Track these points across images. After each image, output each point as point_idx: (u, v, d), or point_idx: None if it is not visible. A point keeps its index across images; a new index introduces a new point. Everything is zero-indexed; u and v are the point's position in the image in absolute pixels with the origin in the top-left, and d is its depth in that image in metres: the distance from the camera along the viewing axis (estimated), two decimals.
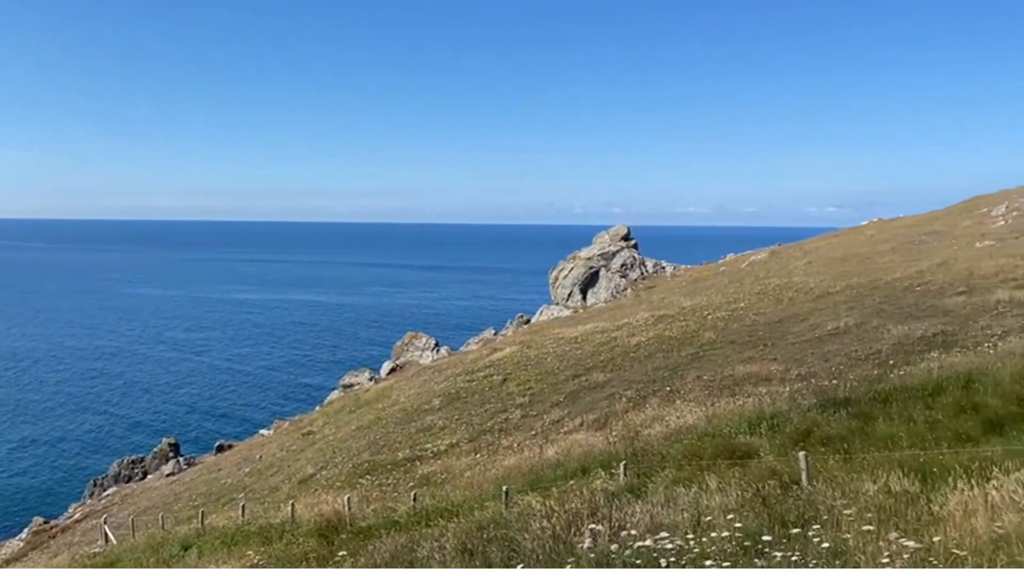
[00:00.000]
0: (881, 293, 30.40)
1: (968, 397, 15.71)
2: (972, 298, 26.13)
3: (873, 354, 22.71)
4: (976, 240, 34.34)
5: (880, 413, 16.00)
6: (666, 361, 30.93)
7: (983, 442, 13.05)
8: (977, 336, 21.75)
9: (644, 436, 21.07)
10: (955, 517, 7.98)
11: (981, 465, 10.64)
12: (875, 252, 38.46)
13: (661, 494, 12.82)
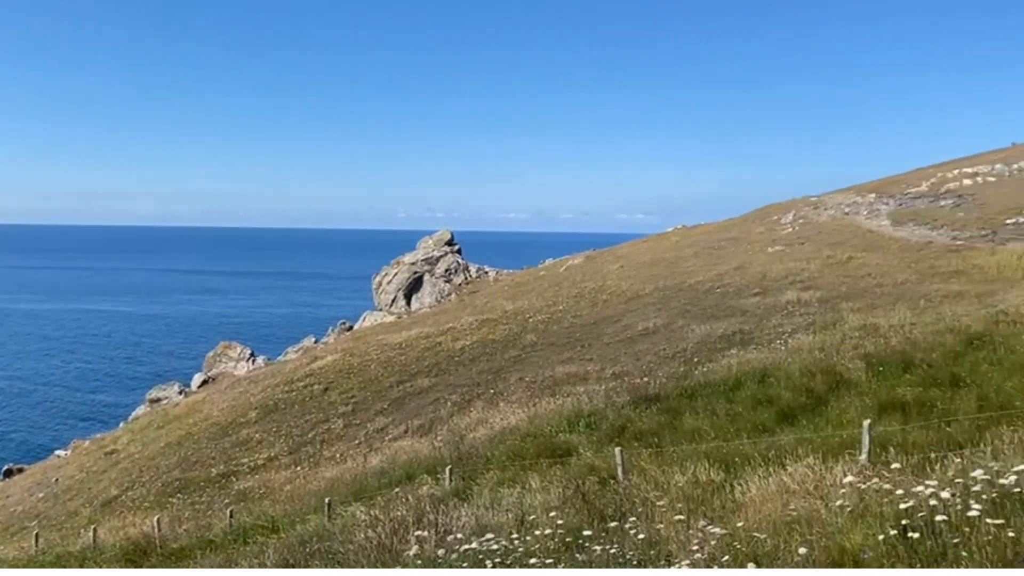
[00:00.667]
0: (686, 295, 32.41)
1: (764, 390, 17.04)
2: (765, 299, 28.39)
3: (679, 352, 24.15)
4: (768, 245, 37.33)
5: (687, 408, 17.03)
6: (490, 364, 31.39)
7: (778, 432, 14.18)
8: (770, 334, 23.62)
9: (469, 439, 21.25)
10: (755, 503, 8.62)
11: (777, 453, 11.58)
12: (680, 257, 40.95)
13: (486, 496, 12.97)
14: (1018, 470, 7.51)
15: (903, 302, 22.67)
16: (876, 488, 7.85)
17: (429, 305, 55.78)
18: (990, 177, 36.84)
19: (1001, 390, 13.78)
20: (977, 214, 31.94)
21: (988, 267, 24.63)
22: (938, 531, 6.48)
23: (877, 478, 8.16)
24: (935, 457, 9.24)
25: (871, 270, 28.18)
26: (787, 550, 6.79)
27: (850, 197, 40.91)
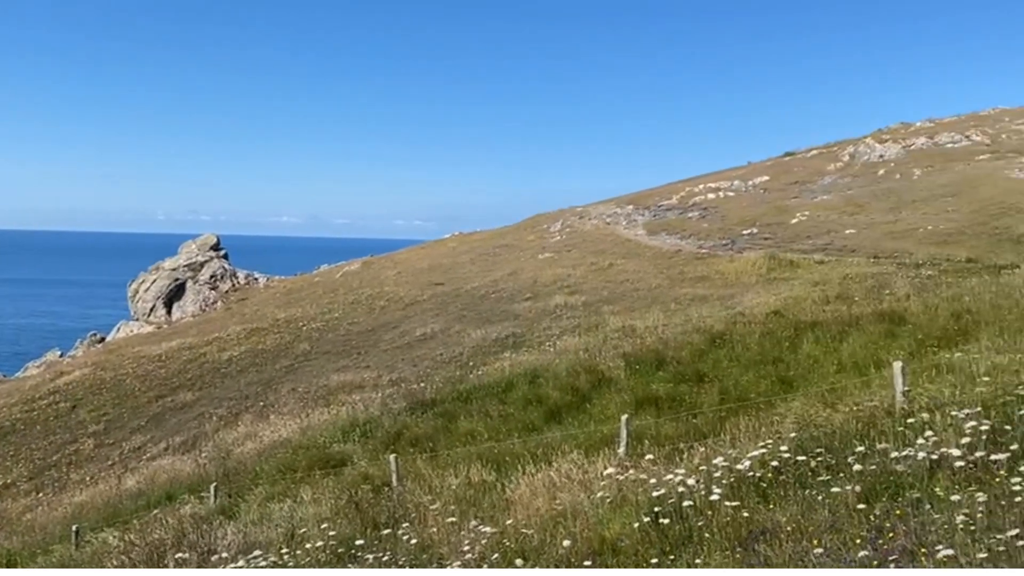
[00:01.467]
0: (462, 300, 33.02)
1: (534, 391, 17.71)
2: (537, 303, 29.57)
3: (456, 357, 24.54)
4: (539, 252, 38.92)
5: (462, 411, 17.33)
6: (260, 375, 30.14)
7: (546, 430, 14.80)
8: (541, 336, 24.63)
9: (237, 455, 20.31)
10: (524, 499, 8.93)
11: (545, 451, 12.06)
12: (456, 263, 41.65)
13: (255, 512, 12.46)
14: (752, 456, 8.33)
15: (657, 305, 24.52)
16: (633, 479, 8.40)
17: (192, 314, 52.55)
18: (730, 192, 40.74)
19: (739, 383, 15.26)
20: (719, 225, 35.26)
21: (728, 273, 27.24)
22: (685, 515, 7.05)
23: (634, 469, 8.75)
24: (683, 447, 10.05)
25: (629, 275, 30.24)
26: (552, 543, 7.08)
27: (611, 208, 43.64)
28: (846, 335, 16.67)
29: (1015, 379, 8.71)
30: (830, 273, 23.79)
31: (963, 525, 5.37)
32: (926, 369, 11.68)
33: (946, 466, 6.84)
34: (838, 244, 28.38)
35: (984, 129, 39.16)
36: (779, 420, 10.43)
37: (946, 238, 26.45)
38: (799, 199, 36.30)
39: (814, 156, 43.20)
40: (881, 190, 34.21)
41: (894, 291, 19.58)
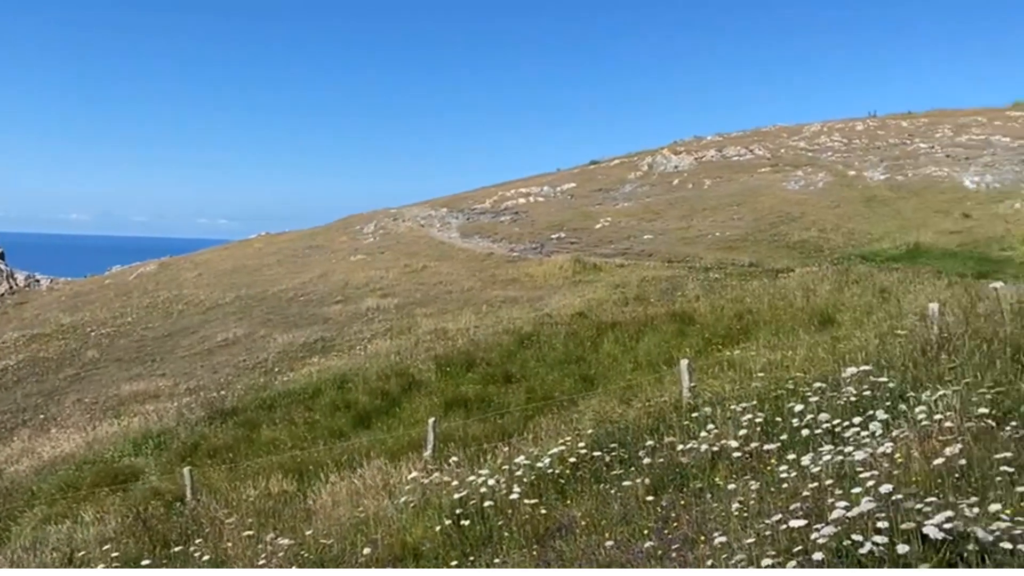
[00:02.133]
0: (269, 303, 31.79)
1: (343, 396, 17.36)
2: (347, 306, 29.00)
3: (260, 363, 23.57)
4: (351, 254, 38.23)
5: (265, 419, 16.67)
6: (40, 385, 27.52)
7: (354, 436, 14.54)
8: (351, 340, 24.16)
9: (10, 474, 18.44)
10: (326, 508, 8.70)
11: (351, 457, 11.83)
12: (263, 264, 40.06)
13: (27, 536, 11.38)
14: (552, 453, 8.57)
15: (469, 307, 24.77)
16: (437, 482, 8.39)
17: None
18: (539, 197, 41.92)
19: (544, 383, 15.73)
20: (529, 229, 36.19)
21: (537, 275, 28.01)
22: (487, 516, 7.13)
23: (438, 472, 8.74)
24: (489, 448, 10.19)
25: (442, 278, 30.36)
26: (353, 552, 6.93)
27: (425, 210, 43.67)
28: (642, 334, 17.61)
29: (786, 374, 9.53)
30: (629, 276, 25.04)
31: (737, 512, 5.77)
32: (712, 366, 12.54)
33: (725, 457, 7.34)
34: (637, 249, 29.96)
35: (766, 144, 42.73)
36: (579, 417, 10.81)
37: (732, 244, 28.63)
38: (603, 205, 37.97)
39: (616, 165, 45.35)
40: (675, 198, 36.47)
41: (685, 293, 20.90)
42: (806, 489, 5.34)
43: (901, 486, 4.92)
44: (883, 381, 7.55)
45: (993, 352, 7.50)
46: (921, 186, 32.74)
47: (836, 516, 4.16)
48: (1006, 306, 10.07)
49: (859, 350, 9.57)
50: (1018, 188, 28.22)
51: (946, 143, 37.99)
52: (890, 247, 24.18)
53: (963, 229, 25.04)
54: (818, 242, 27.27)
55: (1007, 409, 6.48)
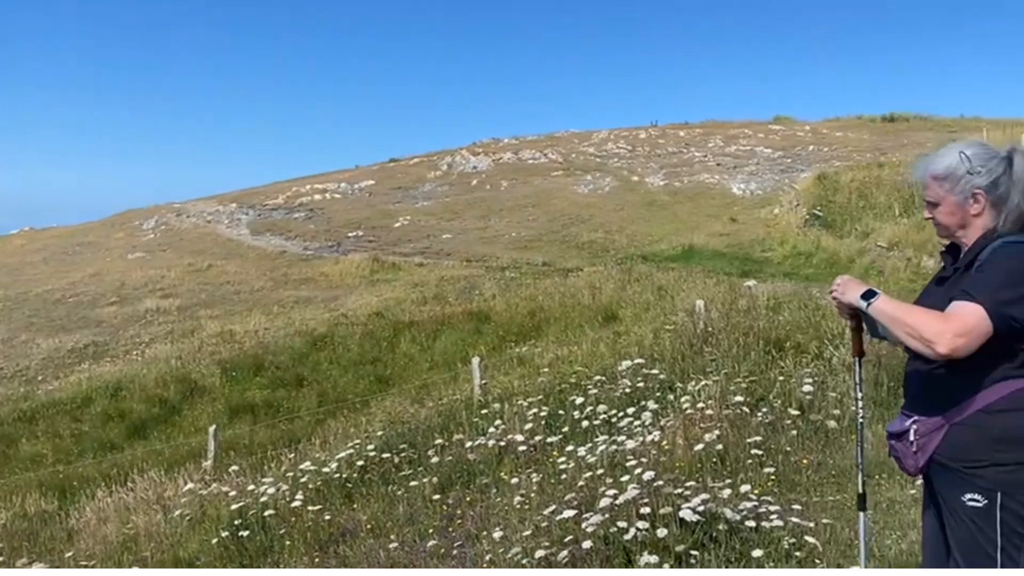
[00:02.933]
0: (32, 305, 28.87)
1: (116, 405, 16.09)
2: (124, 308, 26.93)
3: (21, 371, 21.34)
4: (129, 252, 35.56)
5: (26, 432, 15.13)
6: None
7: (128, 447, 13.51)
8: (127, 344, 22.46)
9: None
10: (90, 527, 7.99)
11: (123, 470, 10.96)
12: (25, 263, 36.36)
13: None
14: (339, 457, 8.38)
15: (259, 308, 23.78)
16: (216, 492, 7.96)
17: None
18: (337, 194, 41.08)
19: (338, 385, 15.42)
20: (325, 227, 35.33)
21: (333, 275, 27.42)
22: (268, 525, 6.84)
23: (217, 482, 8.30)
24: (275, 454, 9.81)
25: (230, 277, 28.94)
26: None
27: (212, 206, 41.45)
28: (440, 333, 17.71)
29: (569, 368, 9.91)
30: (428, 275, 25.11)
31: (519, 505, 5.90)
32: (504, 362, 12.83)
33: (512, 451, 7.50)
34: (436, 248, 30.09)
35: (559, 149, 44.39)
36: (370, 419, 10.67)
37: (527, 244, 29.48)
38: (402, 204, 37.82)
39: (416, 164, 45.35)
40: (474, 199, 37.03)
41: (483, 292, 21.26)
42: (582, 479, 5.56)
43: (666, 472, 5.24)
44: (655, 373, 8.04)
45: (748, 344, 8.21)
46: (695, 192, 35.33)
47: (603, 505, 4.35)
48: (762, 302, 11.07)
49: (636, 344, 10.15)
50: (777, 195, 31.16)
51: (717, 152, 41.24)
52: (668, 248, 25.88)
53: (731, 232, 27.28)
54: (604, 243, 28.68)
55: (759, 396, 7.09)
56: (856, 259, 20.15)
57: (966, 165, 2.51)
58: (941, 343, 2.30)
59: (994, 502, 2.41)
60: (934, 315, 2.36)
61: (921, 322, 2.35)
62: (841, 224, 23.79)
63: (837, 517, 4.57)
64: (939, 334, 2.30)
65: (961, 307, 2.33)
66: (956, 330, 2.30)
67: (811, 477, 5.36)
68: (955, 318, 2.32)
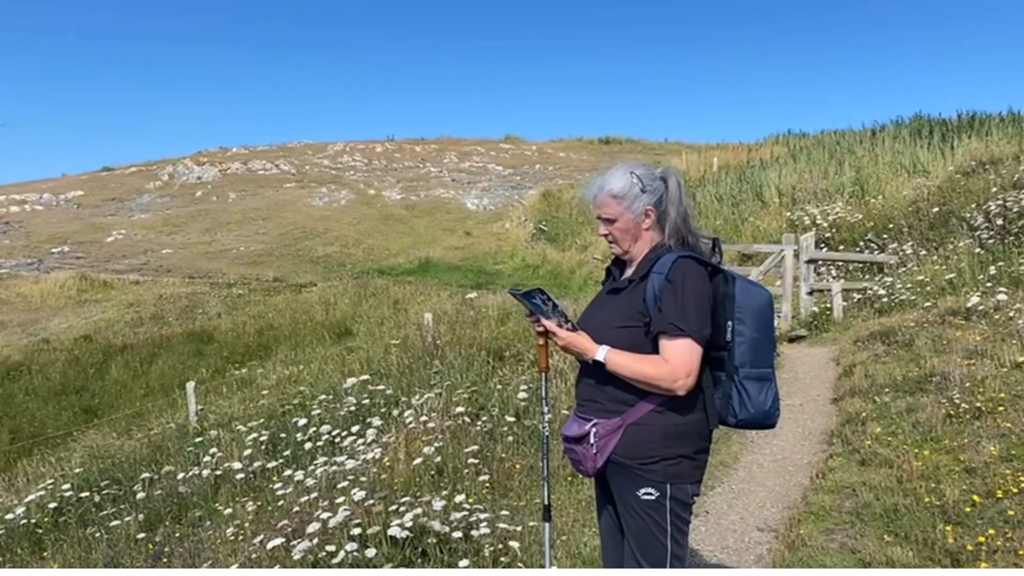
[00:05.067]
0: None
1: None
2: None
3: None
4: None
5: None
6: None
7: None
8: None
9: None
10: None
11: None
12: None
13: None
14: (28, 500, 7.45)
15: None
16: None
17: None
18: (39, 205, 36.90)
19: (35, 418, 13.73)
20: (24, 242, 31.51)
21: (33, 295, 24.48)
22: None
23: None
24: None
25: None
26: None
27: None
28: (157, 357, 16.42)
29: (295, 388, 9.58)
30: (145, 294, 23.22)
31: (233, 536, 5.57)
32: (226, 384, 12.13)
33: (229, 480, 7.09)
34: (155, 264, 27.91)
35: (291, 160, 43.13)
36: (69, 455, 9.61)
37: (257, 259, 28.24)
38: (116, 217, 34.73)
39: (133, 173, 41.93)
40: (199, 211, 34.89)
41: (206, 311, 20.03)
42: (297, 505, 5.36)
43: (383, 489, 5.20)
44: (381, 388, 7.99)
45: (472, 355, 8.42)
46: (432, 206, 35.94)
47: (314, 529, 4.21)
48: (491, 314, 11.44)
49: (365, 360, 10.03)
50: (507, 210, 32.54)
51: (452, 168, 42.31)
52: (405, 262, 26.03)
53: (465, 245, 28.02)
54: (341, 257, 28.26)
55: (480, 406, 7.29)
56: (576, 270, 21.51)
57: (639, 185, 2.74)
58: (679, 387, 2.56)
59: (664, 493, 2.63)
60: (657, 362, 2.58)
61: (653, 375, 2.57)
62: (564, 238, 25.32)
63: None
64: (674, 381, 2.56)
65: (678, 347, 2.57)
66: (686, 371, 2.56)
67: (523, 481, 5.57)
68: (678, 360, 2.56)
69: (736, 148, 32.31)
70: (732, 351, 2.65)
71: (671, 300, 2.60)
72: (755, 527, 4.75)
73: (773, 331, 2.76)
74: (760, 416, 2.69)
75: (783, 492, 5.32)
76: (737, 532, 4.69)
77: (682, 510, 2.67)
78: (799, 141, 30.82)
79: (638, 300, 2.67)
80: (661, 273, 2.64)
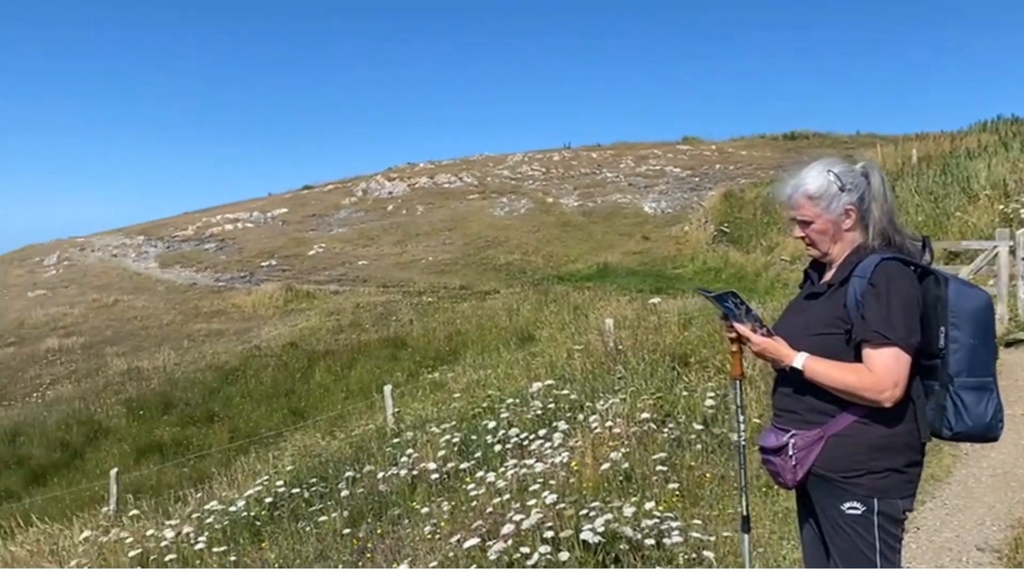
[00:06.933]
0: None
1: (13, 452, 15.30)
2: (22, 348, 25.70)
3: None
4: (29, 290, 34.02)
5: None
6: None
7: (26, 495, 12.83)
8: (27, 387, 21.43)
9: None
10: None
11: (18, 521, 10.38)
12: None
13: None
14: (248, 495, 8.13)
15: (168, 343, 23.03)
16: (115, 539, 7.61)
17: None
18: (249, 223, 40.27)
19: (250, 419, 15.00)
20: (237, 257, 34.57)
21: (246, 306, 26.77)
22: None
23: (118, 527, 7.94)
24: (181, 495, 9.46)
25: (138, 312, 27.99)
26: None
27: (119, 239, 40.10)
28: (355, 362, 17.46)
29: (483, 392, 9.89)
30: (344, 303, 24.77)
31: (430, 535, 5.82)
32: (420, 388, 12.71)
33: (425, 480, 7.42)
34: (352, 275, 29.75)
35: (473, 172, 44.58)
36: (281, 454, 10.41)
37: (444, 268, 29.42)
38: (316, 231, 37.32)
39: (331, 190, 44.85)
40: (390, 224, 36.81)
41: (399, 317, 21.08)
42: (490, 506, 5.52)
43: (573, 493, 5.26)
44: (565, 393, 8.09)
45: (656, 361, 8.34)
46: (609, 212, 35.95)
47: (508, 531, 4.33)
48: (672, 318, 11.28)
49: (549, 365, 10.19)
50: (686, 213, 31.96)
51: (629, 173, 42.11)
52: (583, 267, 26.20)
53: (643, 250, 27.81)
54: (521, 264, 28.86)
55: (666, 412, 7.20)
56: (762, 272, 20.76)
57: (837, 183, 2.62)
58: (885, 399, 2.42)
59: (871, 508, 2.50)
60: (860, 371, 2.45)
61: (856, 385, 2.45)
62: (747, 239, 24.51)
63: (737, 529, 4.65)
64: (880, 392, 2.42)
65: (883, 356, 2.43)
66: (892, 382, 2.42)
67: (714, 491, 5.45)
68: (883, 370, 2.42)
69: (937, 138, 29.94)
70: (946, 359, 2.48)
71: (875, 306, 2.46)
72: (974, 546, 4.40)
73: (993, 336, 2.55)
74: (980, 428, 2.50)
75: (1005, 510, 4.88)
76: (953, 551, 4.37)
77: (892, 526, 2.53)
78: (1012, 127, 28.15)
79: (838, 306, 2.55)
80: (863, 277, 2.51)
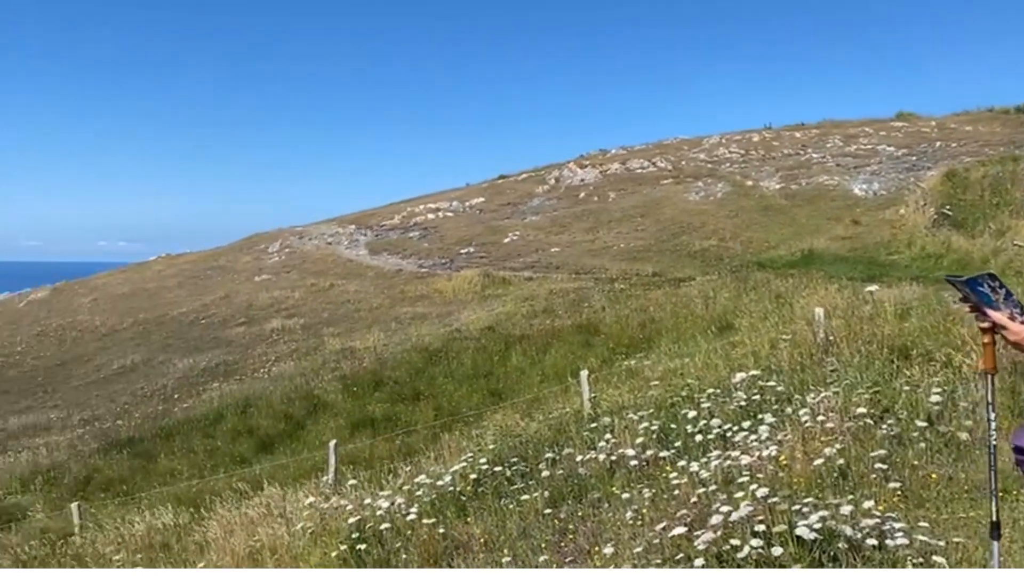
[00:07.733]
0: (168, 328, 30.70)
1: (245, 421, 16.86)
2: (251, 328, 28.24)
3: (159, 389, 22.70)
4: (255, 274, 37.29)
5: (163, 448, 16.05)
6: None
7: (256, 462, 14.11)
8: (255, 363, 23.53)
9: None
10: (219, 539, 8.37)
11: (251, 485, 11.45)
12: (163, 287, 38.69)
13: None
14: (453, 470, 8.47)
15: (377, 325, 24.46)
16: (335, 506, 8.19)
17: None
18: (448, 212, 41.83)
19: (452, 399, 15.63)
20: (438, 244, 36.05)
21: (446, 291, 27.90)
22: (384, 539, 6.98)
23: (337, 496, 8.54)
24: (392, 468, 10.03)
25: (350, 296, 29.92)
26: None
27: (332, 228, 43.00)
28: (550, 346, 17.71)
29: (682, 381, 9.70)
30: (537, 289, 25.19)
31: (631, 521, 5.81)
32: (614, 375, 12.69)
33: (623, 465, 7.40)
34: (545, 262, 30.20)
35: (667, 157, 43.76)
36: (482, 433, 10.76)
37: (636, 254, 29.16)
38: (511, 219, 38.17)
39: (524, 179, 45.67)
40: (582, 211, 36.95)
41: (592, 304, 21.15)
42: (694, 495, 5.42)
43: (783, 488, 5.04)
44: (771, 385, 7.77)
45: (872, 353, 7.81)
46: (814, 194, 34.09)
47: (715, 522, 4.23)
48: (888, 308, 10.53)
49: (751, 355, 9.84)
50: (902, 195, 29.67)
51: (836, 153, 39.69)
52: (785, 254, 25.04)
53: (853, 235, 26.14)
54: (718, 250, 28.03)
55: (884, 408, 6.74)
56: (991, 259, 18.93)
57: None
58: None
59: None
60: None
61: None
62: (973, 223, 22.42)
63: (970, 536, 4.28)
64: None
65: None
66: None
67: (941, 493, 5.04)
68: None
69: None
70: None
71: None
72: None
73: None
74: None
75: None
76: None
77: None
78: None
79: None
80: None
